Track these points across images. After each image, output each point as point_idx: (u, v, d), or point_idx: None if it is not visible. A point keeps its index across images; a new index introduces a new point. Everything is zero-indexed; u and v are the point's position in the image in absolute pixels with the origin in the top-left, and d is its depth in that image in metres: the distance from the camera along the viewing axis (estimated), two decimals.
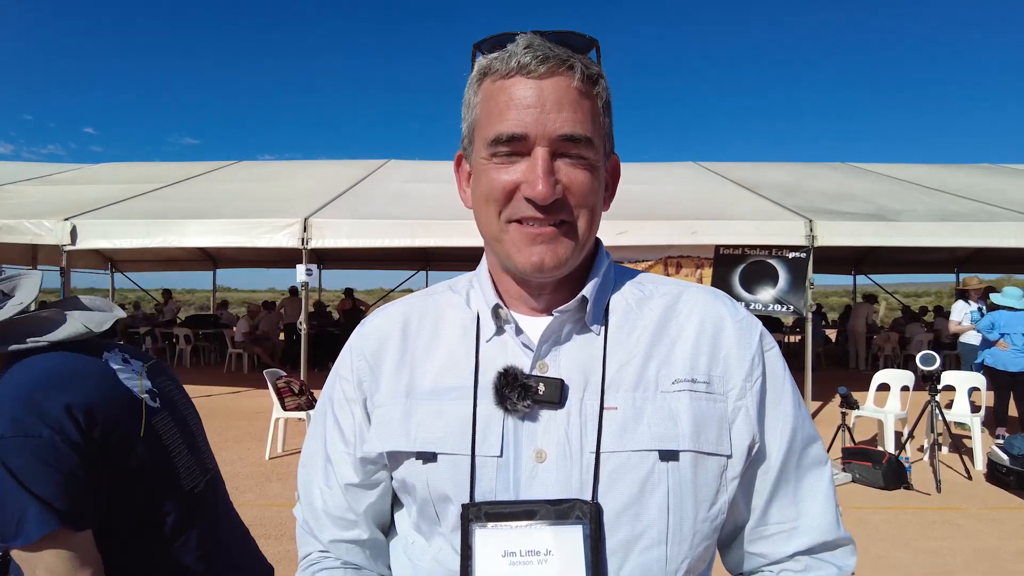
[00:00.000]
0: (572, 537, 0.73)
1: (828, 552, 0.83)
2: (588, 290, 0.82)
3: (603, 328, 0.83)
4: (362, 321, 0.94)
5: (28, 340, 1.21)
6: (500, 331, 0.84)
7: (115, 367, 1.29)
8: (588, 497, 0.75)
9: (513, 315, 0.84)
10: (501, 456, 0.78)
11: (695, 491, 0.77)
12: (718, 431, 0.79)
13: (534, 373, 0.80)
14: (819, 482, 0.84)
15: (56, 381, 1.17)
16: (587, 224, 0.80)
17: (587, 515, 0.74)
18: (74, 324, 1.28)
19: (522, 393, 0.77)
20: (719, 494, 0.79)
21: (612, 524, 0.75)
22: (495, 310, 0.84)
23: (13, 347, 1.20)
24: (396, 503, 0.90)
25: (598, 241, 0.90)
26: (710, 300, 0.86)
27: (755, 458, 0.82)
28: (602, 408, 0.78)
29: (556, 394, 0.78)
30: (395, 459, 0.83)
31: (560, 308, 0.81)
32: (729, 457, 0.79)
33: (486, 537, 0.75)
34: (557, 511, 0.75)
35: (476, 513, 0.76)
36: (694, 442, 0.77)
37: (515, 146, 0.76)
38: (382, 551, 0.92)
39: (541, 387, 0.78)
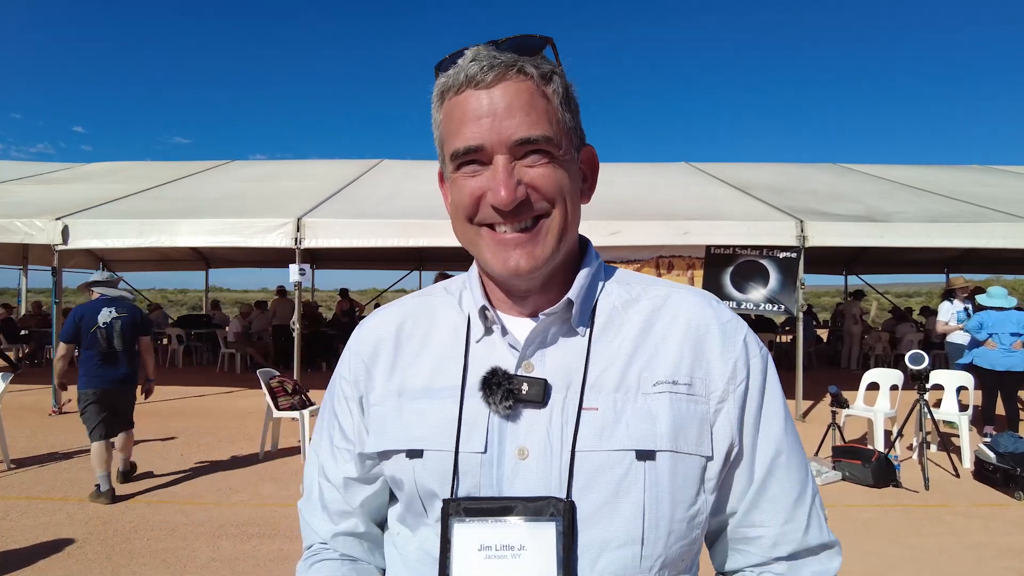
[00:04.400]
0: (545, 533, 0.76)
1: (812, 556, 0.84)
2: (573, 293, 0.84)
3: (588, 330, 0.85)
4: (361, 322, 0.97)
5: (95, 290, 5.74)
6: (489, 332, 0.87)
7: (104, 310, 5.47)
8: (565, 495, 0.77)
9: (500, 316, 0.86)
10: (485, 452, 0.80)
11: (672, 491, 0.78)
12: (699, 432, 0.80)
13: (519, 373, 0.82)
14: (802, 486, 0.85)
15: (81, 308, 5.52)
16: (561, 218, 0.80)
17: (560, 512, 0.76)
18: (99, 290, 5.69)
19: (506, 393, 0.79)
20: (698, 495, 0.80)
21: (587, 521, 0.77)
22: (482, 312, 0.86)
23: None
24: (392, 498, 0.93)
25: (587, 242, 0.91)
26: (697, 302, 0.87)
27: (737, 460, 0.82)
28: (580, 408, 0.80)
29: (540, 394, 0.80)
30: (386, 456, 0.86)
31: (546, 311, 0.83)
32: (709, 458, 0.80)
33: (464, 531, 0.78)
34: (532, 508, 0.77)
35: (456, 508, 0.79)
36: (672, 442, 0.78)
37: (475, 157, 0.78)
38: (380, 544, 0.96)
39: (525, 387, 0.80)
